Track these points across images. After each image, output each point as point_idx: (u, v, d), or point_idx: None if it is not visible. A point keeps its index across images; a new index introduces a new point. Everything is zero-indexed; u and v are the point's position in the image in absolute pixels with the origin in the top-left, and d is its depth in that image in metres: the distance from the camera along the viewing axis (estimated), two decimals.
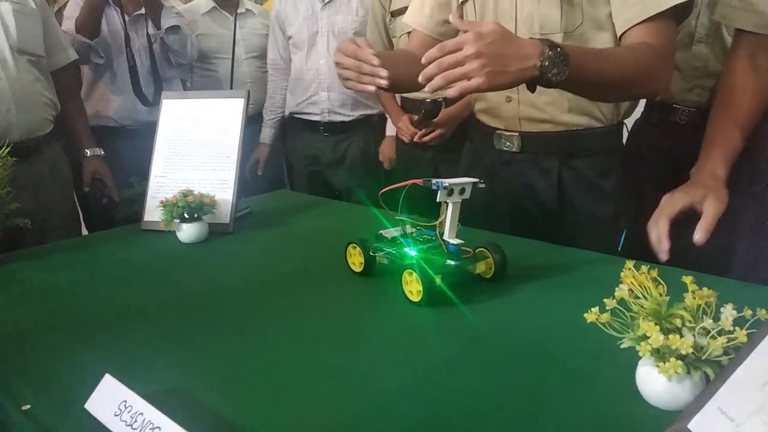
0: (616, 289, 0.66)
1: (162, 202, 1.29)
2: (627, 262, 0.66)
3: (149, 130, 1.52)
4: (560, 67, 0.89)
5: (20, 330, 0.90)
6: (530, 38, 0.92)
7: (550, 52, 0.87)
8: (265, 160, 2.49)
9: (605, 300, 0.65)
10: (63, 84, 1.88)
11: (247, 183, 2.41)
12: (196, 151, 1.42)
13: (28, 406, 0.69)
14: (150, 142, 1.45)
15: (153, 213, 1.38)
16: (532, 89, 0.94)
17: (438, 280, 0.91)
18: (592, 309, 0.66)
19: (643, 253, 1.14)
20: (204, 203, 1.28)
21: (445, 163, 2.05)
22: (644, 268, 0.65)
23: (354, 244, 1.05)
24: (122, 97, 2.21)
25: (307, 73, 2.31)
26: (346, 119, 2.33)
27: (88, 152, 1.97)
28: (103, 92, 2.22)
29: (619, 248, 1.41)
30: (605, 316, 0.65)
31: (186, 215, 1.28)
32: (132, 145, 2.08)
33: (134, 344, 0.85)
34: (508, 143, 1.31)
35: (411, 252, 0.97)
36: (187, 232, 1.28)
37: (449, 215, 0.97)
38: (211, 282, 1.07)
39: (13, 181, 1.56)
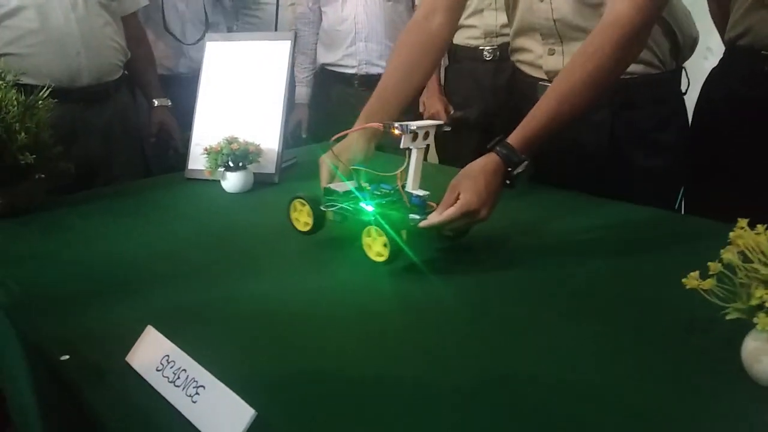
0: (722, 251, 0.56)
1: (206, 149, 1.23)
2: (740, 220, 0.56)
3: None
4: (527, 167, 0.89)
5: (62, 277, 0.87)
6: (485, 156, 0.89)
7: (510, 170, 0.88)
8: (306, 120, 2.39)
9: (709, 264, 0.56)
10: (132, 30, 1.79)
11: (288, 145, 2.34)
12: (240, 97, 1.35)
13: (67, 357, 0.65)
14: None
15: (197, 161, 1.33)
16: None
17: (403, 236, 0.83)
18: (691, 274, 0.57)
19: (707, 211, 1.06)
20: (249, 151, 1.22)
21: (498, 118, 1.94)
22: (760, 227, 0.55)
23: (301, 200, 0.94)
24: (170, 42, 2.07)
25: (342, 24, 2.18)
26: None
27: (156, 102, 1.87)
28: (153, 38, 2.08)
29: (676, 205, 1.29)
30: (709, 282, 0.56)
31: (231, 164, 1.22)
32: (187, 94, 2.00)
33: (176, 296, 0.80)
34: None
35: (368, 207, 0.87)
36: (232, 181, 1.23)
37: (413, 163, 0.87)
38: (255, 234, 1.02)
39: (81, 126, 1.57)
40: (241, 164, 1.23)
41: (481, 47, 1.96)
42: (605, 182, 1.17)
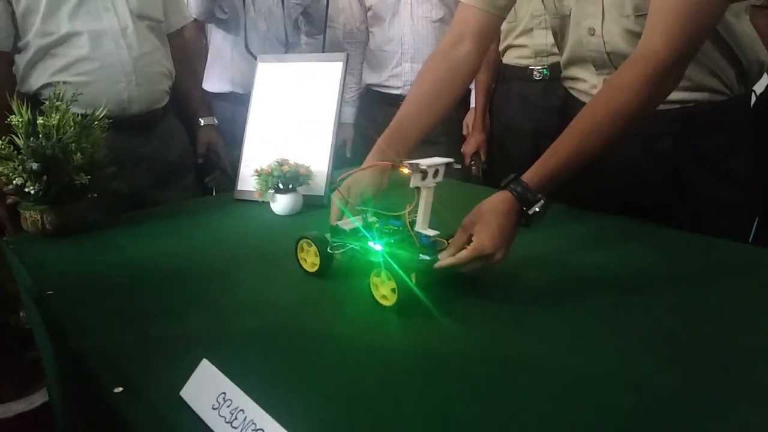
0: None
1: (257, 171, 1.22)
2: None
3: None
4: (544, 206, 0.83)
5: (113, 301, 0.86)
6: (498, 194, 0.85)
7: (525, 209, 0.83)
8: (351, 140, 2.38)
9: None
10: (178, 47, 1.73)
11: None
12: (291, 118, 1.34)
13: (120, 389, 0.63)
14: None
15: (247, 182, 1.32)
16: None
17: (413, 279, 0.78)
18: None
19: None
20: (300, 173, 1.20)
21: (548, 139, 1.88)
22: None
23: (307, 240, 0.91)
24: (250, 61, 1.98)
25: (389, 44, 2.17)
26: None
27: (202, 121, 1.81)
28: (227, 53, 2.04)
29: (750, 239, 1.21)
30: None
31: (281, 186, 1.21)
32: None
33: (230, 323, 0.78)
34: None
35: (377, 246, 0.83)
36: (282, 203, 1.21)
37: (423, 202, 0.83)
38: None
39: (129, 156, 1.51)
40: (291, 186, 1.21)
41: (531, 67, 1.92)
42: (670, 215, 1.11)
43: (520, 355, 0.68)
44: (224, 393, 0.57)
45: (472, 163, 2.14)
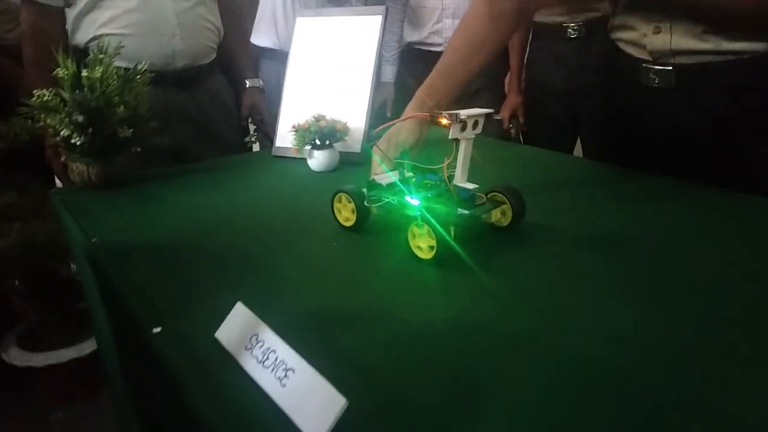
0: None
1: (294, 126, 1.22)
2: None
3: None
4: None
5: (154, 249, 0.88)
6: None
7: None
8: (392, 100, 2.34)
9: None
10: (226, 4, 1.71)
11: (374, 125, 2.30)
12: (328, 74, 1.33)
13: (159, 329, 0.64)
14: None
15: (285, 138, 1.33)
16: None
17: (451, 233, 0.77)
18: None
19: None
20: (336, 129, 1.19)
21: (585, 99, 1.81)
22: None
23: (344, 193, 0.89)
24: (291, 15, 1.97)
25: (429, 0, 2.11)
26: None
27: (248, 83, 1.79)
28: (276, 8, 2.00)
29: None
30: None
31: (317, 142, 1.20)
32: None
33: (265, 272, 0.79)
34: (657, 79, 1.07)
35: (414, 201, 0.81)
36: (319, 159, 1.21)
37: (462, 154, 0.80)
38: None
39: (174, 111, 1.52)
40: (327, 142, 1.21)
41: (564, 24, 1.84)
42: (719, 173, 1.06)
43: (558, 309, 0.67)
44: (256, 335, 0.58)
45: (511, 126, 2.09)
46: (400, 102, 2.29)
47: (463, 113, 0.78)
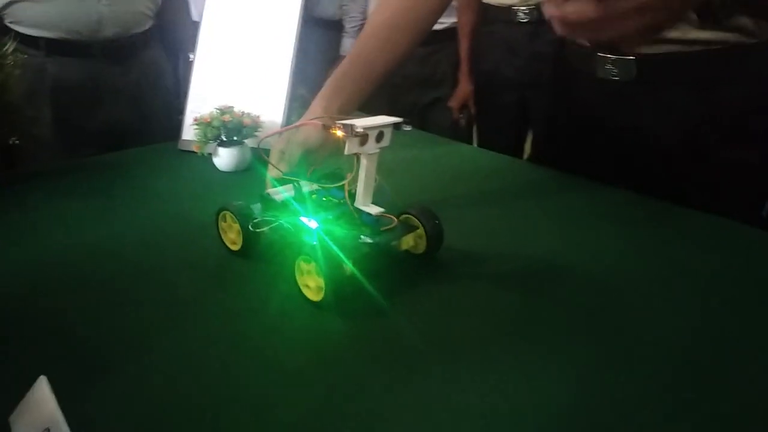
0: None
1: (195, 119, 1.06)
2: None
3: None
4: None
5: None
6: None
7: None
8: None
9: None
10: None
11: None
12: (241, 56, 1.16)
13: None
14: None
15: (191, 130, 1.16)
16: None
17: (349, 267, 0.63)
18: None
19: None
20: (243, 124, 1.04)
21: (536, 89, 1.67)
22: None
23: (228, 212, 0.75)
24: None
25: None
26: (438, 27, 1.95)
27: (191, 56, 1.67)
28: None
29: (764, 211, 1.05)
30: None
31: (224, 138, 1.05)
32: None
33: (105, 323, 0.63)
34: (615, 70, 0.94)
35: (312, 223, 0.68)
36: (224, 158, 1.05)
37: (363, 173, 0.67)
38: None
39: (106, 86, 1.36)
40: (235, 138, 1.05)
41: (514, 7, 1.69)
42: (675, 179, 0.94)
43: (470, 363, 0.54)
44: (48, 429, 0.43)
45: (461, 116, 1.96)
46: None
47: (362, 123, 0.64)
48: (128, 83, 1.42)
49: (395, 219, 0.71)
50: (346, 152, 0.64)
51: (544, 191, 0.97)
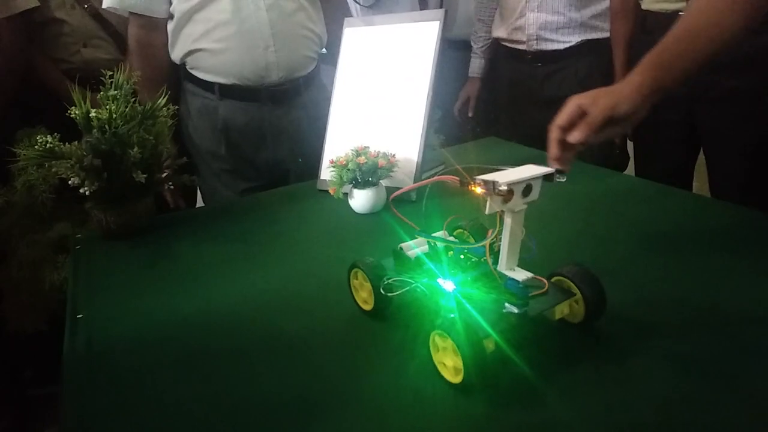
0: None
1: (332, 161, 1.04)
2: None
3: None
4: None
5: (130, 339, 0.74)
6: None
7: None
8: (476, 98, 2.08)
9: None
10: (334, 8, 1.52)
11: (455, 126, 2.05)
12: (378, 94, 1.13)
13: None
14: None
15: (329, 170, 1.15)
16: None
17: (491, 344, 0.54)
18: None
19: None
20: (379, 166, 0.99)
21: (709, 106, 1.43)
22: None
23: (359, 270, 0.68)
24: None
25: None
26: (561, 46, 1.78)
27: None
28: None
29: None
30: None
31: (359, 179, 1.01)
32: None
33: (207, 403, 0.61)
34: None
35: (448, 284, 0.60)
36: (360, 200, 1.02)
37: (508, 234, 0.57)
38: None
39: (269, 127, 1.40)
40: (370, 179, 1.01)
41: (681, 12, 1.46)
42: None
43: None
44: None
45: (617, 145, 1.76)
46: (483, 101, 2.04)
47: (507, 177, 0.55)
48: (287, 123, 1.44)
49: (546, 282, 0.62)
50: (487, 211, 0.56)
51: (736, 234, 0.81)
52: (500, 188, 0.54)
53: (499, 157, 1.31)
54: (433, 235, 0.70)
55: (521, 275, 0.59)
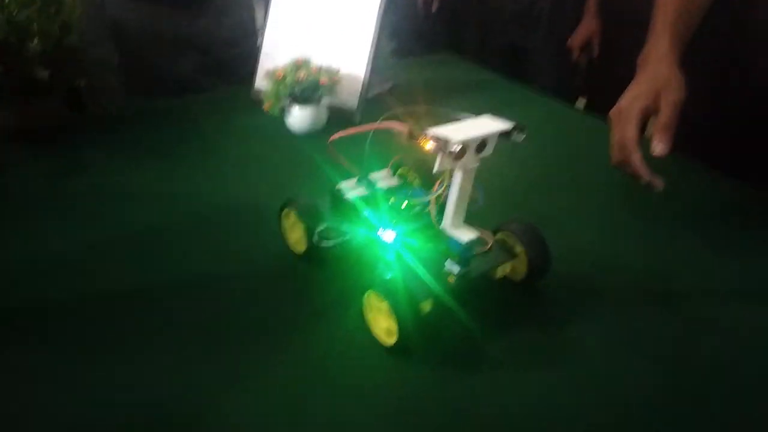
0: None
1: (268, 72, 0.93)
2: None
3: None
4: None
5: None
6: None
7: None
8: None
9: None
10: None
11: (415, 22, 1.86)
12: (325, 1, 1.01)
13: None
14: None
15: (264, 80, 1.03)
16: None
17: (428, 305, 0.51)
18: None
19: None
20: (320, 84, 0.90)
21: None
22: None
23: (290, 210, 0.63)
24: None
25: None
26: None
27: None
28: None
29: None
30: None
31: (297, 96, 0.92)
32: None
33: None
34: None
35: (388, 234, 0.56)
36: (297, 118, 0.93)
37: (456, 191, 0.53)
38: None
39: (171, 35, 1.22)
40: (310, 97, 0.92)
41: None
42: None
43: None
44: None
45: (581, 59, 1.69)
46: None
47: (459, 134, 0.49)
48: (195, 30, 1.26)
49: (490, 240, 0.57)
50: (436, 169, 0.50)
51: (699, 192, 0.78)
52: (453, 148, 0.47)
53: (454, 79, 1.22)
54: (376, 175, 0.64)
55: (465, 235, 0.54)
